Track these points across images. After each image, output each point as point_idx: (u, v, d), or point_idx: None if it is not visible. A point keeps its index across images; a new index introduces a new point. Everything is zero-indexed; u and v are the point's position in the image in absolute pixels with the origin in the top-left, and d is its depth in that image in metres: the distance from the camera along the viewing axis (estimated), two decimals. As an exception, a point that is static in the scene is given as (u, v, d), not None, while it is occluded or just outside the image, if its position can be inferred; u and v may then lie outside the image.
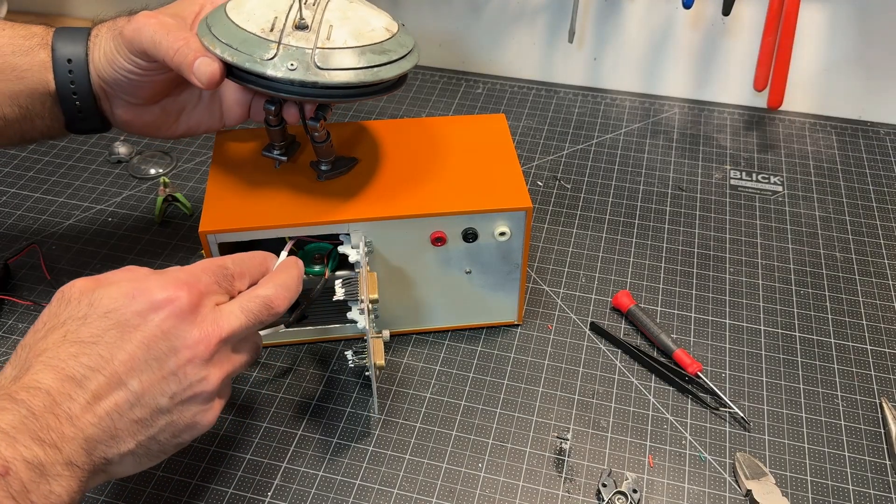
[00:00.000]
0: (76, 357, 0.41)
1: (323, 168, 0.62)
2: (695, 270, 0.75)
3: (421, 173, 0.63)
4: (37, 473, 0.37)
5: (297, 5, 0.53)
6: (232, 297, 0.49)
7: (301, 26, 0.52)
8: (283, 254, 0.56)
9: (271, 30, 0.52)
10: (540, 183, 0.85)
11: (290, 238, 0.59)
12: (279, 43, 0.51)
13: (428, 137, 0.67)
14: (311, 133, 0.59)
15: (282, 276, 0.52)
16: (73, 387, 0.40)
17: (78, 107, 0.60)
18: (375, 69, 0.52)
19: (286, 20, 0.53)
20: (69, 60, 0.58)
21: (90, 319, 0.42)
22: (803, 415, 0.62)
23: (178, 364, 0.44)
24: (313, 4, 0.54)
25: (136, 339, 0.42)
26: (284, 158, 0.62)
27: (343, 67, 0.51)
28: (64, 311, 0.43)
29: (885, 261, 0.76)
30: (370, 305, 0.55)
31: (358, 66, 0.52)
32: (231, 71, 0.54)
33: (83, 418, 0.40)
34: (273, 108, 0.59)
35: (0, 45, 0.58)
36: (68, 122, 0.61)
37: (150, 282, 0.45)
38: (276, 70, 0.51)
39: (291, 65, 0.51)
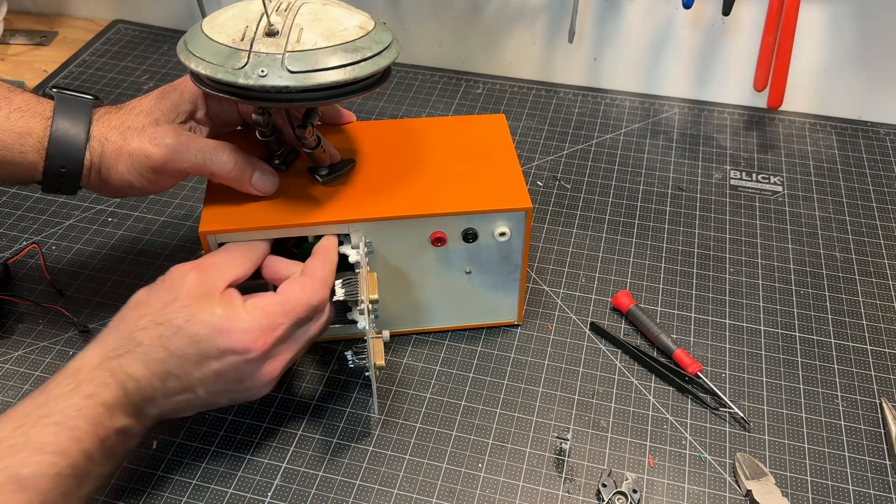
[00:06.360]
0: (163, 362, 0.51)
1: (322, 174, 0.62)
2: (695, 270, 0.75)
3: (421, 173, 0.63)
4: (123, 436, 0.51)
5: (267, 12, 0.52)
6: None
7: (271, 33, 0.51)
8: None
9: (242, 39, 0.52)
10: (540, 183, 0.85)
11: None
12: (249, 51, 0.51)
13: (428, 137, 0.67)
14: (301, 140, 0.59)
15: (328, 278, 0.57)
16: (157, 381, 0.51)
17: (59, 190, 0.59)
18: (347, 68, 0.51)
19: (257, 28, 0.52)
20: (63, 167, 0.57)
21: (181, 334, 0.51)
22: (803, 415, 0.62)
23: (244, 387, 0.54)
24: (285, 10, 0.53)
25: (212, 367, 0.52)
26: (283, 169, 0.62)
27: (313, 69, 0.51)
28: (168, 306, 0.52)
29: (885, 261, 0.76)
30: (370, 306, 0.56)
31: (328, 67, 0.51)
32: (211, 85, 0.53)
33: (161, 403, 0.52)
34: (262, 119, 0.58)
35: None
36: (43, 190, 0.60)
37: (238, 321, 0.52)
38: (247, 78, 0.50)
39: (262, 71, 0.50)
